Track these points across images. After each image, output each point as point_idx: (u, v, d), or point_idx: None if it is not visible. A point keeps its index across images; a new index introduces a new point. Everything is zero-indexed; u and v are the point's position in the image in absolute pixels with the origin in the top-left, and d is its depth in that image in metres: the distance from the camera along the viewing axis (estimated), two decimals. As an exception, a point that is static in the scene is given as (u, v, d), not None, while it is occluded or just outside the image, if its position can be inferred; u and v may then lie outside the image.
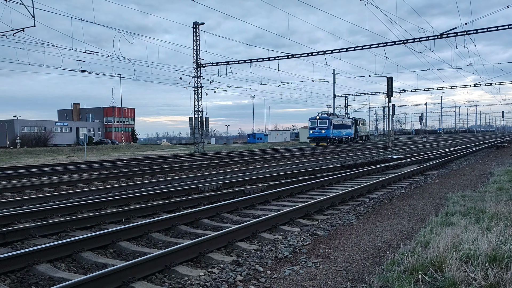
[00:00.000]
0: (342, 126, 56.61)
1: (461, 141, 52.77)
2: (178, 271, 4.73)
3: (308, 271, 4.77)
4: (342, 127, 56.58)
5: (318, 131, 51.07)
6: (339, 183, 12.51)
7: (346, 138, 58.29)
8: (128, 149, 52.68)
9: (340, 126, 55.69)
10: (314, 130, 51.77)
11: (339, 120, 55.84)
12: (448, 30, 29.92)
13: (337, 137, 54.31)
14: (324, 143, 49.85)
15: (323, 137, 50.68)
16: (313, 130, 51.98)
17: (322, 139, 50.60)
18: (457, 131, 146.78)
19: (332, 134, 51.86)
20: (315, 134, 51.43)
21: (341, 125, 56.22)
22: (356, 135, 64.28)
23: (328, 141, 50.47)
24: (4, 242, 6.11)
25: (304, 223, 7.28)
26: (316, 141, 50.68)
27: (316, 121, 51.82)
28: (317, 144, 50.00)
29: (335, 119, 54.13)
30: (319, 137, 50.86)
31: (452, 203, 8.31)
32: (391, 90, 34.32)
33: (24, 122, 69.49)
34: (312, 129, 52.26)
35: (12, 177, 16.29)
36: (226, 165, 20.98)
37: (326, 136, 50.56)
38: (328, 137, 50.64)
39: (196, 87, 40.23)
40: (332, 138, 51.94)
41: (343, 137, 56.84)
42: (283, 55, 36.22)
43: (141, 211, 8.20)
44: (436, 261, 4.26)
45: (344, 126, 57.39)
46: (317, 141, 50.53)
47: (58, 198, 10.42)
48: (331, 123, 51.48)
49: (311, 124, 52.66)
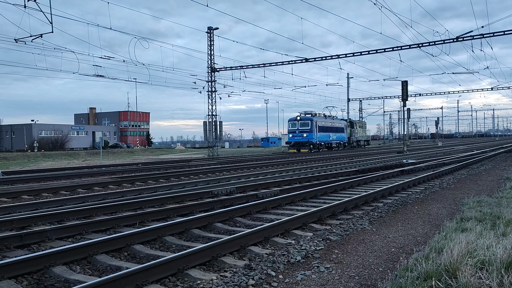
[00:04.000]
0: (332, 129, 47.79)
1: (478, 145, 51.96)
2: (190, 275, 4.76)
3: (320, 276, 4.76)
4: (332, 130, 47.76)
5: (299, 134, 42.46)
6: (353, 188, 12.43)
7: (338, 143, 49.49)
8: (143, 152, 53.18)
9: (329, 129, 46.88)
10: (294, 134, 43.03)
11: (326, 122, 46.61)
12: (464, 33, 29.62)
13: (325, 142, 45.69)
14: (306, 149, 41.48)
15: (304, 142, 41.90)
16: (293, 133, 43.22)
17: (303, 145, 41.93)
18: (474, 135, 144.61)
19: (317, 138, 43.08)
20: (295, 139, 42.71)
21: (330, 128, 47.31)
22: (352, 140, 55.10)
23: (311, 147, 41.98)
24: (22, 244, 6.22)
25: (317, 227, 7.26)
26: (296, 146, 42.22)
27: (297, 122, 43.13)
28: (298, 150, 41.57)
29: (321, 120, 45.26)
30: (299, 142, 42.21)
31: (468, 208, 8.20)
32: (406, 94, 34.03)
33: (42, 126, 70.70)
34: (292, 132, 43.40)
35: (29, 180, 16.58)
36: (240, 169, 21.03)
37: (308, 141, 41.83)
38: (310, 142, 41.93)
39: (210, 91, 40.49)
40: (317, 143, 43.30)
41: (333, 142, 48.10)
42: (297, 59, 36.25)
43: (155, 214, 8.28)
44: (450, 267, 4.21)
45: (334, 129, 48.55)
46: (298, 146, 42.09)
47: (74, 201, 10.58)
48: (315, 125, 42.80)
49: (290, 127, 43.71)
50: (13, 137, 70.99)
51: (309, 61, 36.00)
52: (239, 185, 12.49)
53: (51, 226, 7.33)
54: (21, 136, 67.58)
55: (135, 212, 8.46)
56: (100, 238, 5.99)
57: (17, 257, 5.04)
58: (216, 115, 41.26)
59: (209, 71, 40.17)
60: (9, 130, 72.16)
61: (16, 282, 4.70)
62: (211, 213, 7.87)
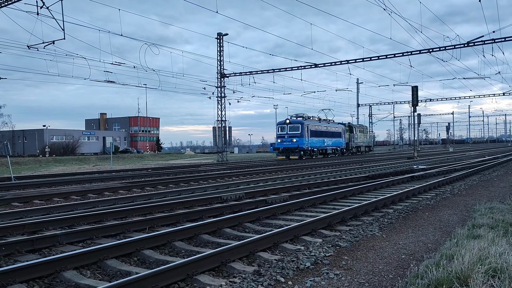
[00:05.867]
0: (327, 134, 43.51)
1: (490, 151, 51.36)
2: (200, 280, 4.77)
3: (330, 282, 4.74)
4: (327, 134, 43.50)
5: (288, 140, 38.34)
6: (363, 194, 12.37)
7: (334, 149, 45.06)
8: (153, 158, 53.46)
9: (323, 133, 42.56)
10: (283, 139, 38.80)
11: (320, 126, 42.21)
12: (475, 38, 29.41)
13: (318, 148, 41.38)
14: (295, 156, 37.60)
15: (293, 148, 37.85)
16: (281, 138, 38.98)
17: (292, 151, 37.90)
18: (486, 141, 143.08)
19: (308, 144, 38.91)
20: (284, 144, 38.51)
21: (325, 132, 43.05)
22: (351, 146, 50.22)
23: (301, 153, 37.89)
24: (33, 248, 6.29)
25: (326, 233, 7.23)
26: (285, 153, 38.14)
27: (285, 126, 38.97)
28: (287, 157, 37.78)
29: (313, 123, 40.90)
30: (288, 148, 38.12)
31: (480, 215, 8.11)
32: (416, 99, 33.85)
33: (53, 131, 71.50)
34: (280, 137, 39.14)
35: (41, 185, 16.76)
36: (249, 174, 21.03)
37: (298, 147, 37.75)
38: (300, 148, 37.87)
39: (219, 97, 40.65)
40: (308, 149, 39.04)
41: (328, 148, 43.67)
42: (306, 65, 36.26)
43: (164, 219, 8.31)
44: (461, 274, 4.17)
45: (329, 133, 44.18)
46: (286, 153, 38.05)
47: (85, 206, 10.66)
48: (306, 129, 38.62)
49: (279, 131, 39.52)
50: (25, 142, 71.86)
51: (318, 66, 35.98)
52: (248, 191, 12.50)
53: (62, 230, 7.38)
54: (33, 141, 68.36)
55: (145, 217, 8.50)
56: (110, 243, 6.03)
57: (28, 262, 5.09)
58: (225, 120, 41.39)
59: (218, 77, 40.35)
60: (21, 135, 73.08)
61: (27, 286, 4.75)
62: (220, 218, 7.88)
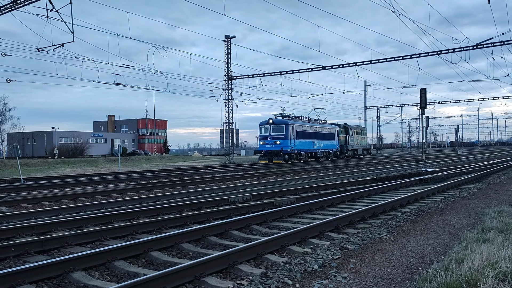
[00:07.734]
0: (317, 135, 39.76)
1: (499, 154, 50.90)
2: (207, 282, 4.77)
3: (337, 285, 4.72)
4: (317, 136, 39.72)
5: (271, 142, 34.71)
6: (370, 197, 12.31)
7: (325, 152, 41.48)
8: (161, 160, 53.66)
9: (312, 135, 38.79)
10: (266, 141, 35.16)
11: (308, 127, 38.44)
12: (484, 40, 29.24)
13: (306, 151, 37.84)
14: (279, 160, 34.17)
15: (277, 152, 34.26)
16: (264, 140, 35.31)
17: (276, 154, 34.37)
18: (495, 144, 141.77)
19: (294, 146, 35.33)
20: (266, 147, 34.95)
21: (314, 134, 39.29)
22: (346, 148, 46.15)
23: (286, 157, 34.53)
24: (42, 249, 6.33)
25: (334, 236, 7.20)
26: (268, 156, 34.78)
27: (268, 127, 35.27)
28: (270, 161, 34.51)
29: (300, 124, 37.09)
30: (272, 151, 34.54)
31: (489, 218, 8.03)
32: (424, 101, 33.66)
33: (62, 133, 72.12)
34: (263, 139, 35.45)
35: (50, 186, 16.88)
36: (256, 176, 21.03)
37: (281, 150, 34.09)
38: (285, 151, 34.29)
39: (227, 99, 40.74)
40: (293, 152, 35.45)
41: (319, 151, 40.09)
42: (313, 67, 36.22)
43: (172, 221, 8.33)
44: (470, 278, 4.13)
45: (320, 135, 40.42)
46: (269, 156, 34.68)
47: (93, 207, 10.72)
48: (291, 130, 35.03)
49: (262, 132, 35.79)
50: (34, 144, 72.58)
51: (326, 68, 35.93)
52: (255, 193, 12.49)
53: (70, 232, 7.44)
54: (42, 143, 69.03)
55: (153, 219, 8.53)
56: (118, 244, 6.06)
57: (37, 263, 5.14)
58: (232, 122, 41.46)
59: (226, 79, 40.45)
60: (30, 137, 73.82)
61: (36, 287, 4.78)
62: (228, 220, 7.88)
